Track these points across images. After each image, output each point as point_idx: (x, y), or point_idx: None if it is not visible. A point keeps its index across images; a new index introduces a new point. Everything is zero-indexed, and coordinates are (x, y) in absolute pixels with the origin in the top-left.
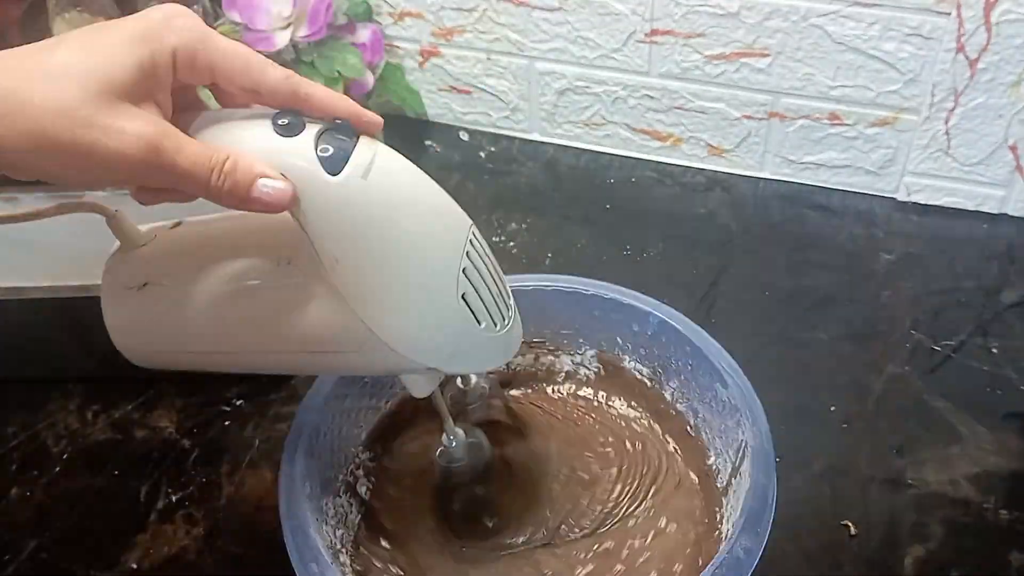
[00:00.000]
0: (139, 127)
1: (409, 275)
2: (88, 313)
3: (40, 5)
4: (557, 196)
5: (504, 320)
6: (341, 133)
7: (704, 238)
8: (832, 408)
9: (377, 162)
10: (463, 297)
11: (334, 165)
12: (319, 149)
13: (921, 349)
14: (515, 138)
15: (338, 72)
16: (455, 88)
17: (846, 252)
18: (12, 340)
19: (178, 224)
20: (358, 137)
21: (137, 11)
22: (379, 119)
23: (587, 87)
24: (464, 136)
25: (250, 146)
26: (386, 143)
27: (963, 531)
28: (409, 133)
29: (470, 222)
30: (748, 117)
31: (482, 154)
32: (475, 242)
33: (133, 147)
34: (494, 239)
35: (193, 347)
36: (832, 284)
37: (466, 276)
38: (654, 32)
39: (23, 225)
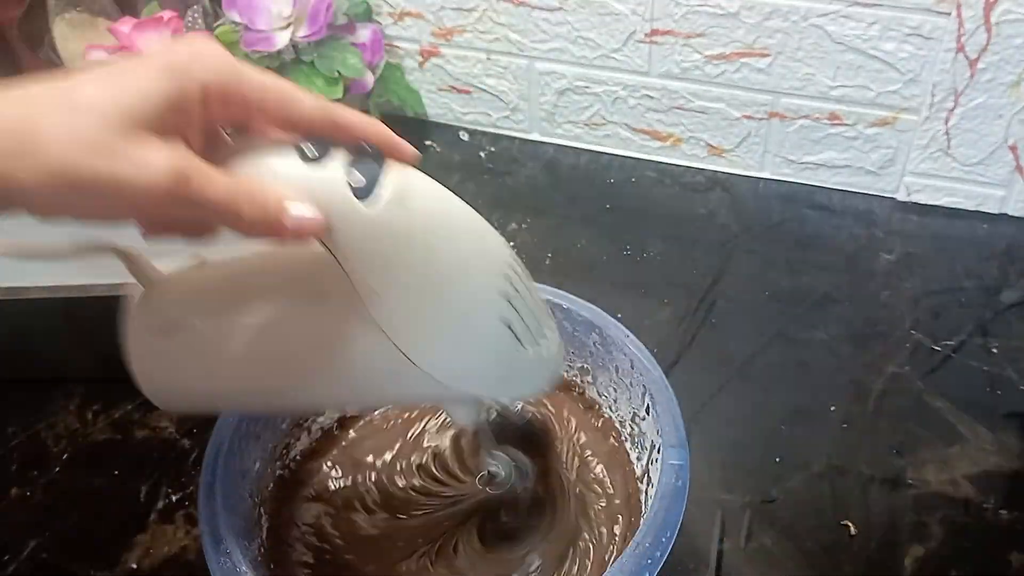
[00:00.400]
0: (165, 157)
1: (449, 301)
2: (88, 313)
3: (40, 5)
4: (557, 196)
5: (548, 342)
6: (370, 159)
7: (704, 238)
8: (832, 408)
9: (409, 187)
10: (504, 321)
11: (364, 191)
12: (348, 176)
13: (921, 349)
14: (515, 138)
15: (338, 72)
16: (455, 88)
17: (846, 252)
18: (12, 340)
19: (203, 263)
20: (387, 162)
21: (137, 12)
22: (413, 150)
23: (587, 87)
24: (464, 136)
25: (277, 175)
26: None
27: (963, 531)
28: (409, 133)
29: (506, 243)
30: (748, 117)
31: (482, 154)
32: (514, 264)
33: (160, 177)
34: None
35: (226, 390)
36: (832, 284)
37: (507, 300)
38: (654, 32)
39: (23, 225)
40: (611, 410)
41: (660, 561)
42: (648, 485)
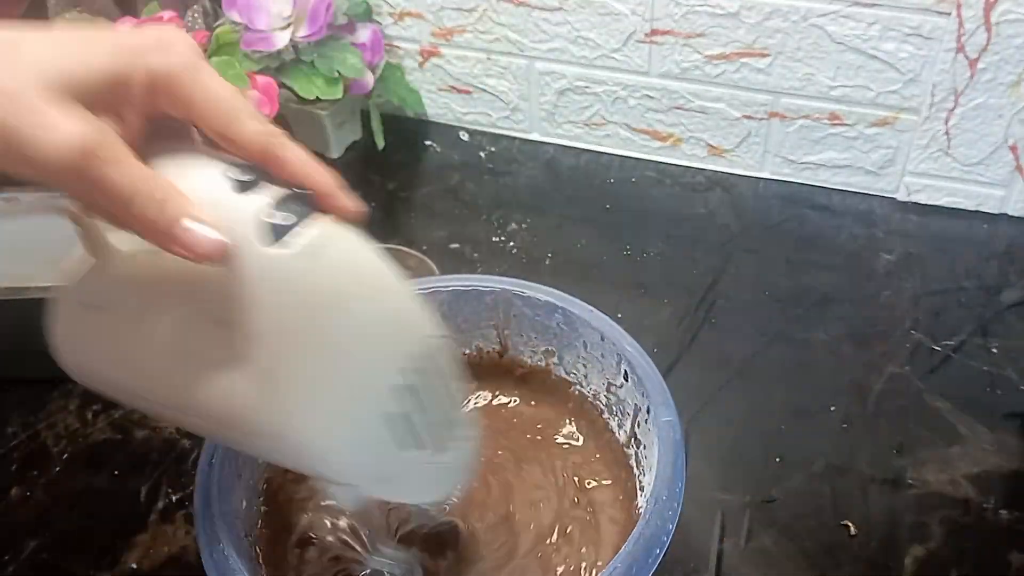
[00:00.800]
0: (79, 126)
1: (330, 377)
2: None
3: (40, 5)
4: (557, 196)
5: (445, 449)
6: (297, 203)
7: (704, 238)
8: (832, 408)
9: (326, 244)
10: (392, 416)
11: (273, 235)
12: (264, 214)
13: (921, 349)
14: (515, 138)
15: (338, 72)
16: (455, 88)
17: (846, 252)
18: (12, 340)
19: (157, 250)
20: (314, 212)
21: (137, 12)
22: (354, 208)
23: (587, 87)
24: (464, 136)
25: (192, 188)
26: (386, 143)
27: (963, 531)
28: (409, 133)
29: (430, 329)
30: (748, 117)
31: (482, 154)
32: (425, 355)
33: (63, 144)
34: (494, 239)
35: (126, 383)
36: (832, 284)
37: (399, 393)
38: (654, 32)
39: (23, 225)
40: (582, 386)
41: (678, 512)
42: (638, 448)
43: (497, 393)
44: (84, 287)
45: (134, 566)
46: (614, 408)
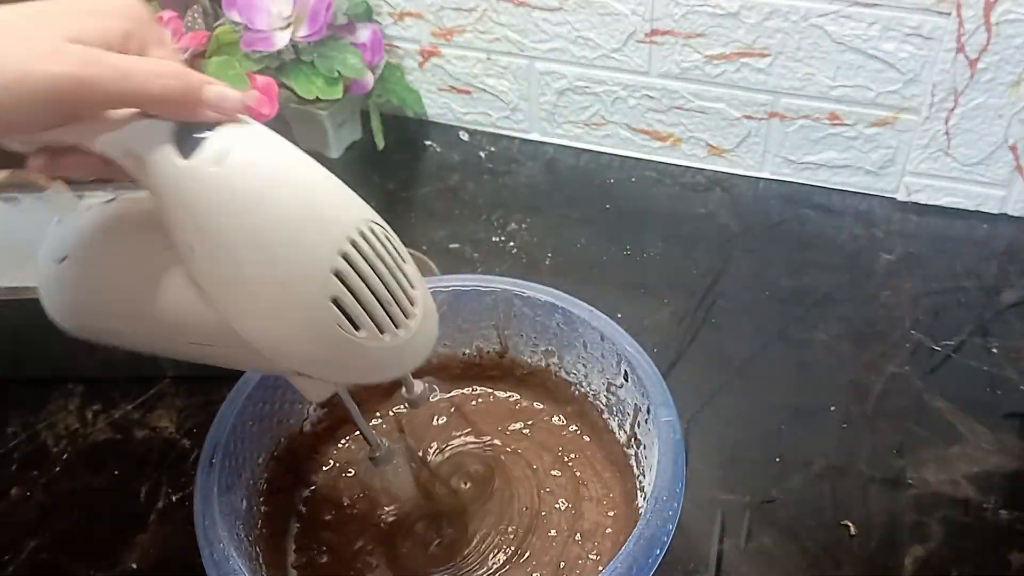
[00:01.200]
0: (72, 48)
1: (265, 273)
2: None
3: None
4: (557, 196)
5: (396, 329)
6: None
7: (704, 238)
8: (832, 408)
9: (237, 148)
10: (334, 301)
11: (188, 147)
12: (178, 128)
13: (921, 349)
14: (515, 138)
15: (338, 72)
16: (455, 88)
17: (846, 252)
18: (12, 340)
19: (112, 200)
20: (224, 123)
21: None
22: (233, 102)
23: (587, 87)
24: (464, 136)
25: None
26: (386, 143)
27: (963, 531)
28: (409, 133)
29: (362, 217)
30: (748, 117)
31: (482, 154)
32: (361, 241)
33: (63, 63)
34: (494, 239)
35: (105, 325)
36: (832, 284)
37: (339, 278)
38: (654, 32)
39: (23, 225)
40: (582, 386)
41: (678, 512)
42: (638, 448)
43: (497, 393)
44: (51, 242)
45: (134, 566)
46: (614, 408)
